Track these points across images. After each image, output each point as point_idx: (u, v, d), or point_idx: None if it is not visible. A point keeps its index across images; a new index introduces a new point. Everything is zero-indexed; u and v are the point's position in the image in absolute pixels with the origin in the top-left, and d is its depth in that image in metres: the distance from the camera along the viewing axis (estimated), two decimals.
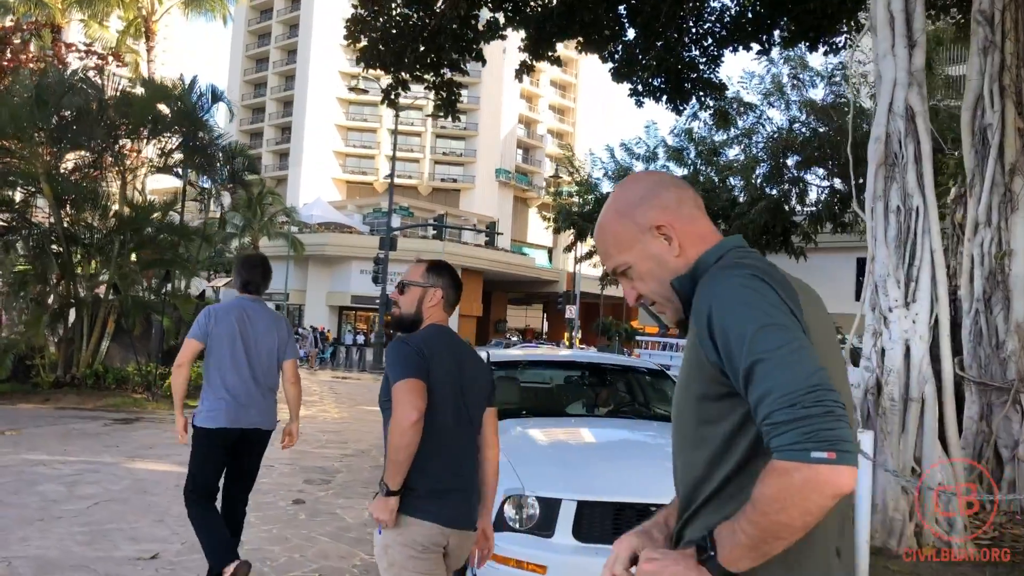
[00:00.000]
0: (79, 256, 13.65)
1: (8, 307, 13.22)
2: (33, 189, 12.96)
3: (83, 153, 13.90)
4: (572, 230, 31.64)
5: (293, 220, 45.51)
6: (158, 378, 13.24)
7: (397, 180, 71.13)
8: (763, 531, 1.14)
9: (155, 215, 14.71)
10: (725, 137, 27.68)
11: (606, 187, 31.88)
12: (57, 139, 12.79)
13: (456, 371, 2.56)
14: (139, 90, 14.94)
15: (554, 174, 34.22)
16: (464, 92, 60.48)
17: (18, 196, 13.21)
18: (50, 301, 13.29)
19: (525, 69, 14.88)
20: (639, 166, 31.18)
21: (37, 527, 5.17)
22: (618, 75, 14.92)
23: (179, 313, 14.28)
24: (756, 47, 14.04)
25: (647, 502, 3.17)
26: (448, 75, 14.33)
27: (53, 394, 12.89)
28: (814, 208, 26.56)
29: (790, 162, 25.51)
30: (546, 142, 74.13)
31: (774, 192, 26.55)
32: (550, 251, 71.47)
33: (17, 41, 17.51)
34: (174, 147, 14.28)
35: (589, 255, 33.16)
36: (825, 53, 14.85)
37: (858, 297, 24.96)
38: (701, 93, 15.06)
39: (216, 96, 15.79)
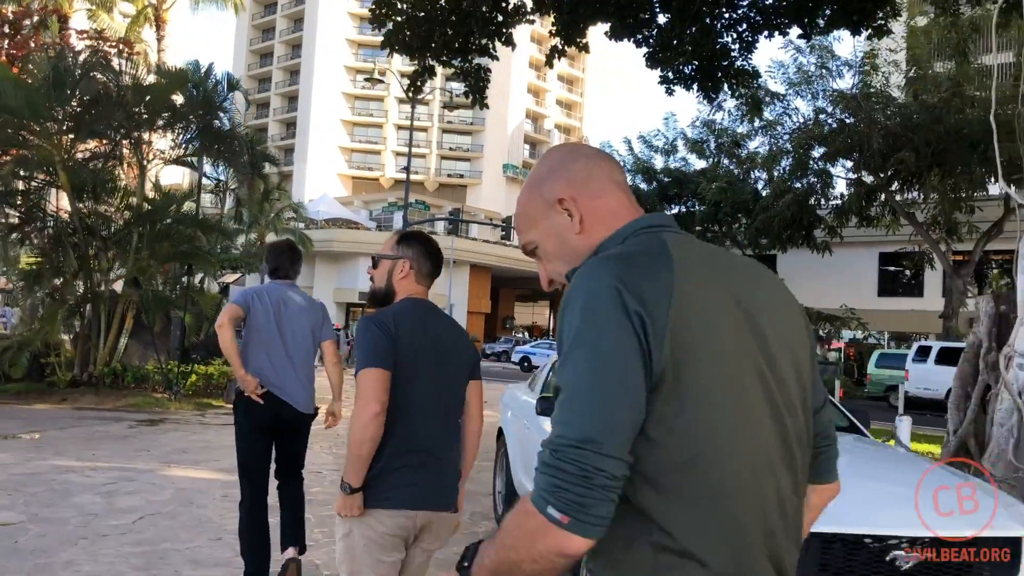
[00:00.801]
0: (95, 249, 13.02)
1: (22, 302, 12.55)
2: (49, 178, 12.30)
3: (98, 142, 13.27)
4: None
5: (300, 216, 45.10)
6: (179, 377, 12.61)
7: (402, 175, 70.75)
8: (500, 560, 1.10)
9: (172, 207, 14.09)
10: (748, 128, 27.05)
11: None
12: (75, 125, 12.15)
13: (430, 345, 2.45)
14: (151, 78, 14.31)
15: None
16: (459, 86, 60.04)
17: (32, 185, 12.55)
18: (66, 296, 12.65)
19: (556, 54, 14.27)
20: (658, 159, 30.61)
21: (83, 548, 4.55)
22: (653, 61, 14.26)
23: (200, 308, 13.64)
24: (797, 31, 13.43)
25: (891, 533, 2.55)
26: (476, 61, 13.73)
27: (70, 393, 12.27)
28: (839, 201, 25.85)
29: (815, 154, 24.79)
30: (553, 137, 73.48)
31: (799, 185, 25.92)
32: None
33: (27, 27, 16.88)
34: (192, 136, 13.64)
35: None
36: (868, 37, 14.29)
37: (881, 293, 24.28)
38: (733, 81, 14.47)
39: (232, 84, 15.18)
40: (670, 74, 14.09)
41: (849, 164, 25.34)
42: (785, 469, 1.14)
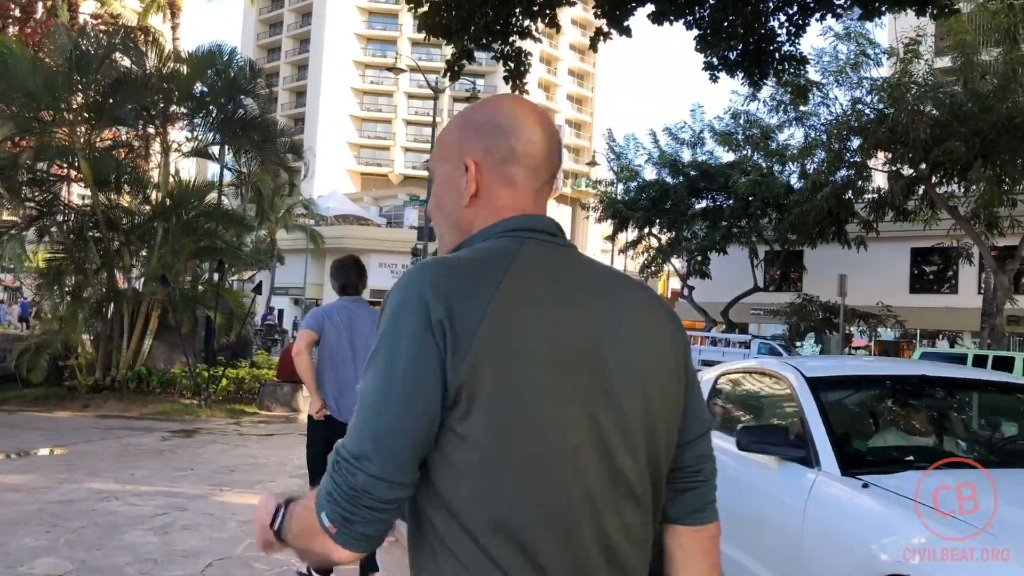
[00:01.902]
0: (117, 244, 12.14)
1: (41, 300, 11.68)
2: (68, 168, 11.41)
3: (120, 130, 12.38)
4: (614, 220, 30.09)
5: (311, 213, 44.45)
6: (209, 381, 11.72)
7: (411, 171, 69.91)
8: (293, 540, 1.09)
9: (195, 200, 13.19)
10: (781, 119, 26.11)
11: (649, 173, 30.39)
12: (96, 112, 11.25)
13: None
14: (172, 64, 13.41)
15: (591, 161, 32.59)
16: (480, 81, 59.12)
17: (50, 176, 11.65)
18: (87, 294, 11.77)
19: (601, 36, 13.46)
20: (686, 153, 29.68)
21: None
22: (704, 44, 13.44)
23: (230, 307, 12.75)
24: (858, 10, 12.57)
25: None
26: (517, 43, 12.94)
27: (92, 399, 11.40)
28: (876, 195, 24.86)
29: (853, 145, 23.85)
30: (564, 132, 72.56)
31: (835, 178, 25.06)
32: None
33: (40, 12, 16.00)
34: (218, 123, 12.72)
35: (634, 244, 31.55)
36: (934, 16, 13.48)
37: (913, 289, 23.27)
38: (782, 66, 13.61)
39: (254, 72, 14.27)
40: (715, 59, 13.28)
41: (883, 156, 24.46)
42: (612, 510, 1.05)
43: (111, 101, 11.29)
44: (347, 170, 67.01)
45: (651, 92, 74.69)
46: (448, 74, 12.77)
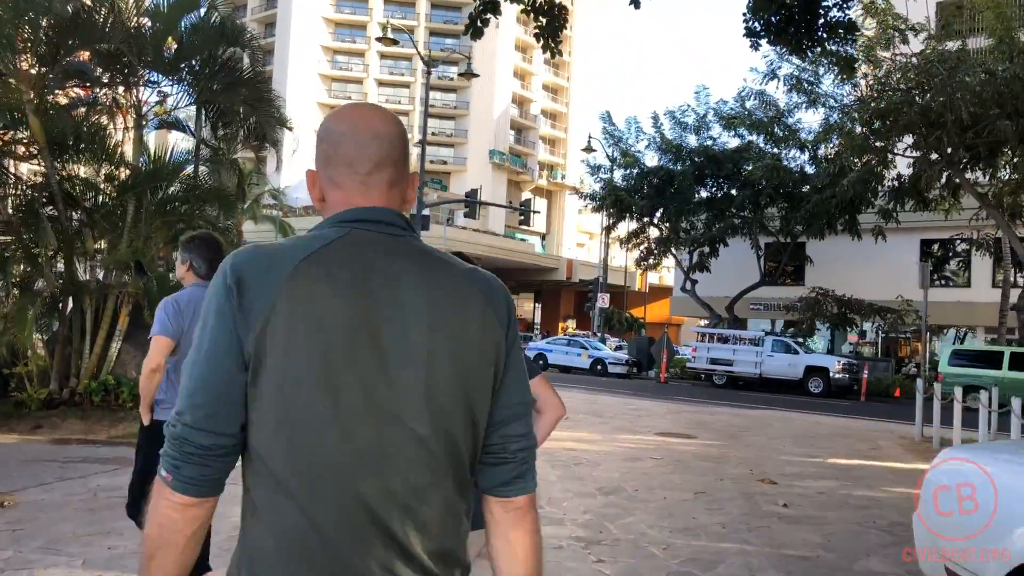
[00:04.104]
0: (77, 224, 9.86)
1: None
2: (14, 129, 9.09)
3: (78, 85, 10.09)
4: (613, 208, 28.20)
5: (280, 203, 42.29)
6: None
7: None
8: (147, 532, 1.19)
9: (171, 172, 10.91)
10: (796, 102, 24.46)
11: (650, 160, 28.57)
12: (51, 54, 8.95)
13: None
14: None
15: (586, 147, 30.65)
16: (452, 68, 56.90)
17: None
18: (38, 286, 9.48)
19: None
20: (691, 139, 27.87)
21: None
22: (758, 3, 11.76)
23: None
24: None
25: None
26: None
27: (47, 417, 9.12)
28: (896, 182, 23.31)
29: (879, 128, 22.20)
30: (540, 123, 70.59)
31: (857, 162, 23.52)
32: (543, 237, 68.17)
33: None
34: (203, 76, 10.47)
35: (636, 234, 29.72)
36: None
37: (923, 283, 21.20)
38: (828, 34, 11.95)
39: (237, 28, 12.03)
40: (758, 24, 11.55)
41: (905, 141, 22.93)
42: (390, 471, 1.16)
43: (68, 43, 9.00)
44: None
45: (627, 82, 73.09)
46: (471, 31, 10.86)
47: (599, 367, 27.93)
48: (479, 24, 10.56)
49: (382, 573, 1.13)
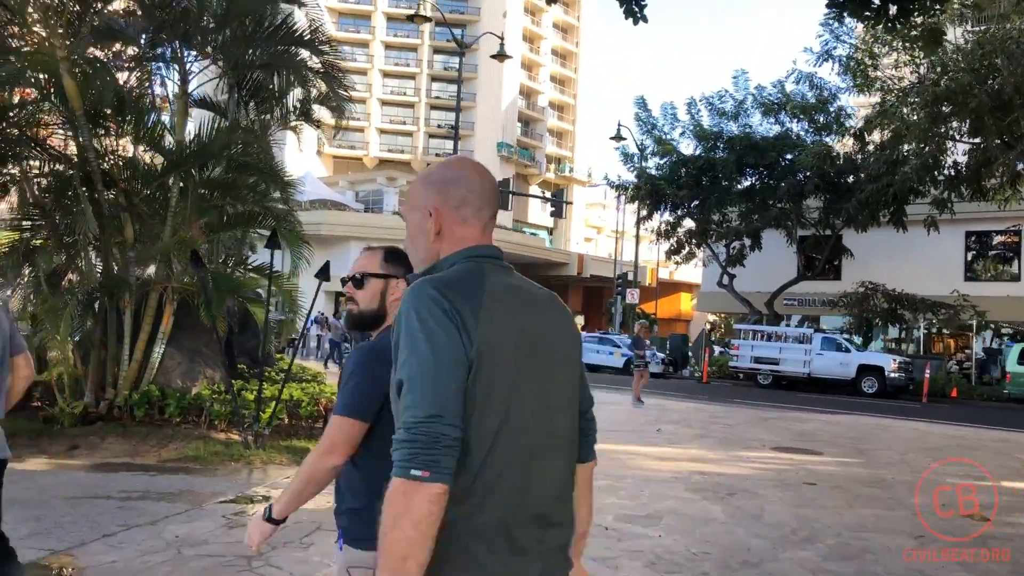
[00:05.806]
0: (115, 209, 8.42)
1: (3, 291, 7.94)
2: (48, 92, 7.63)
3: (118, 46, 8.66)
4: (649, 199, 26.77)
5: (289, 196, 40.52)
6: (256, 406, 8.08)
7: (388, 155, 65.87)
8: (389, 545, 1.30)
9: (220, 150, 9.46)
10: (849, 85, 23.08)
11: (686, 148, 27.15)
12: (83, 10, 7.52)
13: None
14: None
15: (615, 135, 29.20)
16: (454, 62, 55.40)
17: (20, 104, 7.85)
18: (77, 281, 8.07)
19: None
20: (732, 125, 26.48)
21: None
22: None
23: (279, 299, 9.16)
24: None
25: None
26: None
27: (83, 435, 7.73)
28: (952, 171, 21.99)
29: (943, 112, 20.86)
30: (547, 115, 69.09)
31: (909, 149, 22.25)
32: (550, 231, 66.75)
33: None
34: (257, 37, 9.04)
35: (674, 226, 28.33)
36: None
37: (968, 277, 19.76)
38: (921, 4, 10.57)
39: None
40: None
41: (959, 127, 21.60)
42: (553, 453, 1.50)
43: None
44: (318, 152, 62.62)
45: (636, 74, 71.70)
46: (626, 14, 9.53)
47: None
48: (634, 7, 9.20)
49: (557, 549, 1.50)
